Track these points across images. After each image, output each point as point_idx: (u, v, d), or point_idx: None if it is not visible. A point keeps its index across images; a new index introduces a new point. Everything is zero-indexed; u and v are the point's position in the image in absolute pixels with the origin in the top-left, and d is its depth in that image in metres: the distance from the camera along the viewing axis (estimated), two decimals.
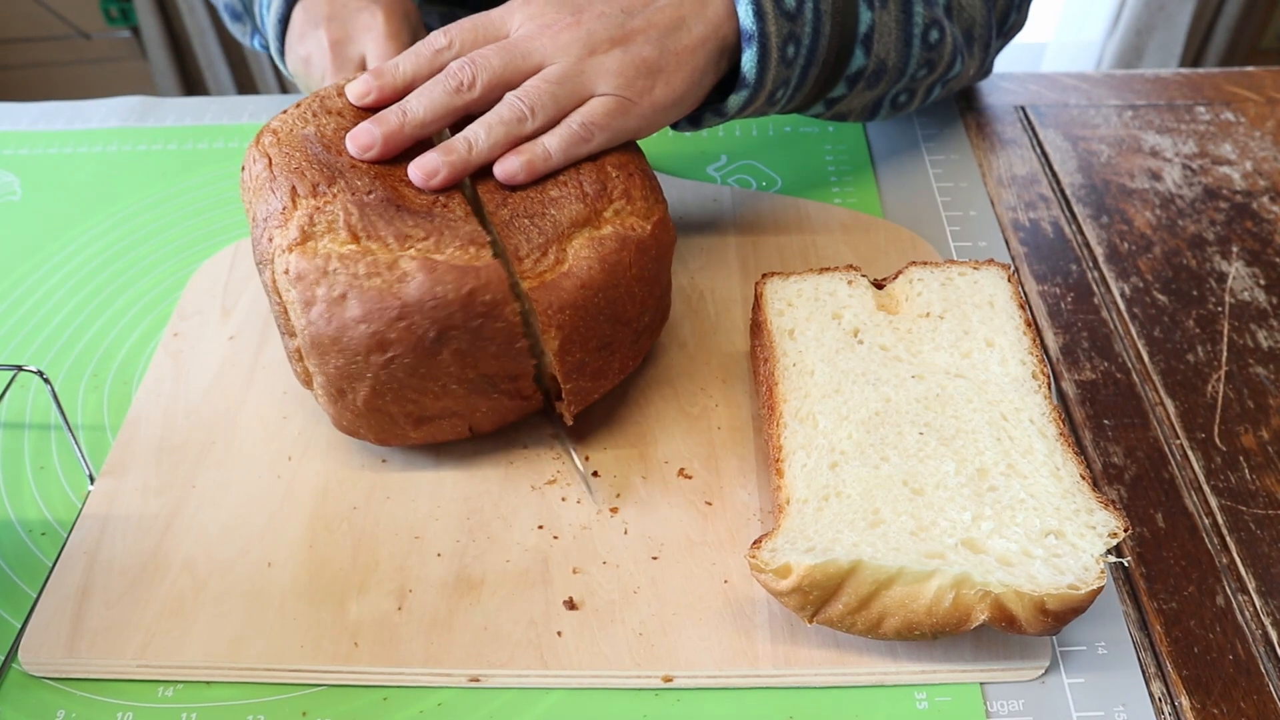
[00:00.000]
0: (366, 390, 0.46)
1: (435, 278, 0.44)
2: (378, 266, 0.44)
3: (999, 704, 0.43)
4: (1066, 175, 0.72)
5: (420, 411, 0.48)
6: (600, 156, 0.50)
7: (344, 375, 0.46)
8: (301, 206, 0.45)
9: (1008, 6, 0.68)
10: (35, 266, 0.65)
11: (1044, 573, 0.40)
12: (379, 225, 0.45)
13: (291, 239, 0.45)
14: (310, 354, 0.46)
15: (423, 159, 0.48)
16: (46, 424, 0.55)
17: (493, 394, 0.48)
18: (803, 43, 0.55)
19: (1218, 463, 0.53)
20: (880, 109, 0.65)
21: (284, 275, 0.45)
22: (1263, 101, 0.78)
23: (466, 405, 0.48)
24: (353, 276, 0.44)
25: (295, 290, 0.45)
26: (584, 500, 0.50)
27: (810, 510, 0.43)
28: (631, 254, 0.48)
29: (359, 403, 0.47)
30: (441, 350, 0.45)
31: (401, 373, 0.45)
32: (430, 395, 0.47)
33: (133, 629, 0.45)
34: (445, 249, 0.45)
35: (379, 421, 0.48)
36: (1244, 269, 0.64)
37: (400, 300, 0.43)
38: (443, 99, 0.49)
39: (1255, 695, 0.43)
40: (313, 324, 0.45)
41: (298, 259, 0.44)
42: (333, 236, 0.45)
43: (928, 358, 0.49)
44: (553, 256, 0.46)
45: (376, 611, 0.45)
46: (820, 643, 0.44)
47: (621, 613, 0.45)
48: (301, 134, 0.48)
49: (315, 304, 0.44)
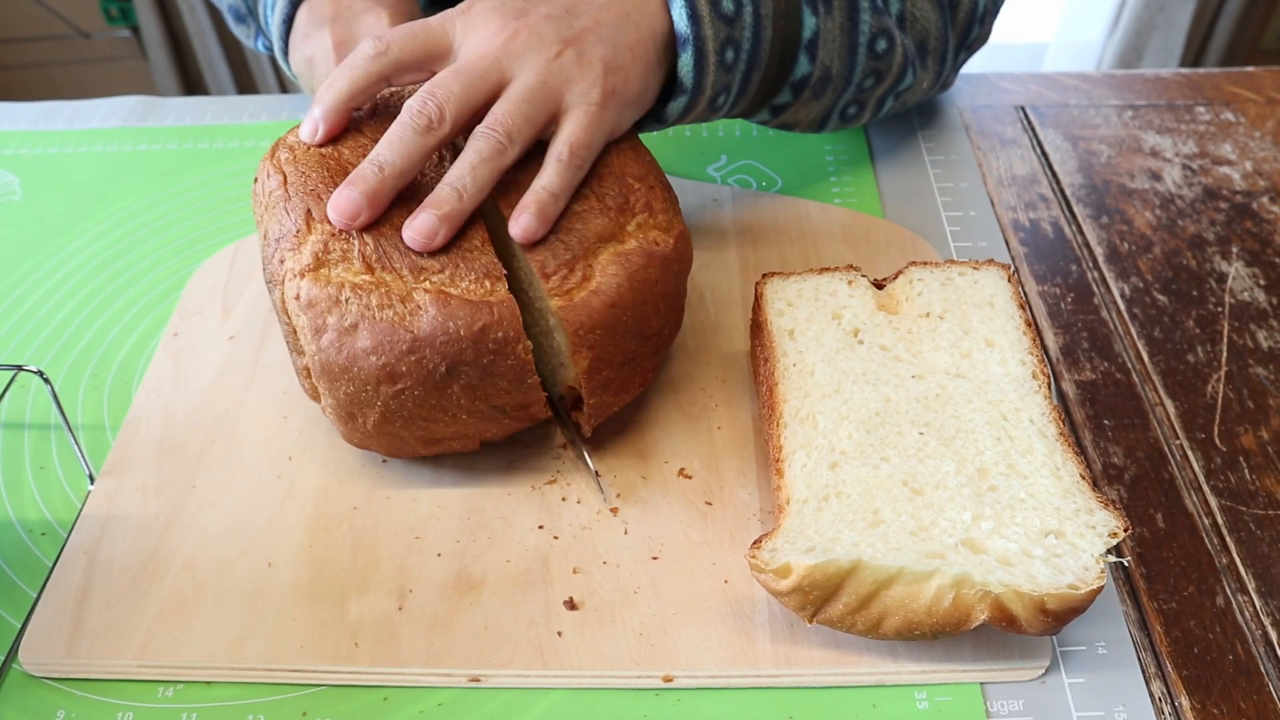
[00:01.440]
0: (376, 416, 0.46)
1: (448, 313, 0.43)
2: (390, 298, 0.44)
3: (999, 704, 0.43)
4: (1066, 175, 0.72)
5: (430, 435, 0.48)
6: (620, 168, 0.50)
7: (354, 401, 0.46)
8: (316, 232, 0.45)
9: (969, 19, 0.66)
10: (35, 266, 0.65)
11: (1044, 573, 0.40)
12: (394, 256, 0.45)
13: (304, 264, 0.45)
14: (320, 379, 0.46)
15: (417, 223, 0.45)
16: (46, 424, 0.55)
17: (503, 420, 0.48)
18: (742, 47, 0.54)
19: (1218, 463, 0.53)
20: (829, 121, 0.64)
21: (294, 300, 0.45)
22: (1263, 101, 0.78)
23: (477, 429, 0.48)
24: (365, 307, 0.43)
25: (306, 317, 0.44)
26: (584, 500, 0.50)
27: (810, 510, 0.43)
28: (657, 270, 0.48)
29: (369, 426, 0.47)
30: (452, 384, 0.45)
31: (411, 403, 0.45)
32: (440, 423, 0.47)
33: (133, 629, 0.45)
34: (460, 282, 0.44)
35: (389, 441, 0.48)
36: (1244, 269, 0.64)
37: (411, 334, 0.43)
38: (415, 142, 0.47)
39: (1255, 695, 0.43)
40: (323, 351, 0.44)
41: (309, 285, 0.44)
42: (346, 266, 0.44)
43: (928, 358, 0.49)
44: (580, 273, 0.46)
45: (376, 611, 0.45)
46: (820, 643, 0.44)
47: (622, 613, 0.45)
48: (319, 153, 0.48)
49: (326, 332, 0.44)
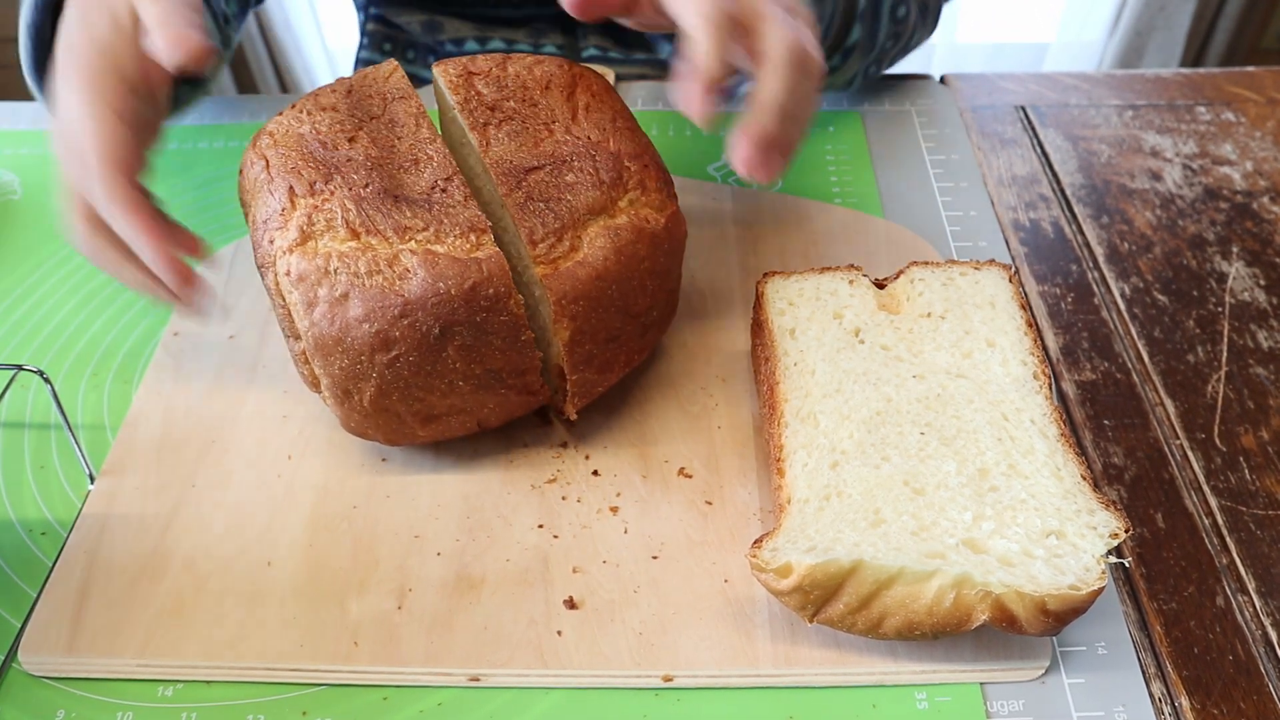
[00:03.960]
0: (372, 390, 0.46)
1: (437, 273, 0.43)
2: (378, 263, 0.44)
3: (999, 704, 0.43)
4: (1067, 175, 0.71)
5: (427, 410, 0.48)
6: (616, 146, 0.50)
7: (349, 376, 0.46)
8: (300, 206, 0.45)
9: None
10: (35, 266, 0.65)
11: (1045, 573, 0.40)
12: (377, 219, 0.45)
13: (291, 240, 0.45)
14: (315, 355, 0.46)
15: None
16: (46, 424, 0.55)
17: (500, 389, 0.48)
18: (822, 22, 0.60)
19: (1218, 463, 0.53)
20: (854, 82, 0.72)
21: (285, 277, 0.45)
22: (1263, 101, 0.78)
23: (474, 402, 0.48)
24: (354, 275, 0.44)
25: (297, 292, 0.44)
26: (584, 499, 0.50)
27: (811, 510, 0.43)
28: (646, 246, 0.48)
29: (365, 403, 0.47)
30: (446, 346, 0.45)
31: (407, 371, 0.45)
32: (437, 393, 0.47)
33: (133, 629, 0.45)
34: (446, 238, 0.44)
35: (387, 421, 0.48)
36: (1244, 269, 0.64)
37: (402, 298, 0.43)
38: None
39: (1255, 695, 0.43)
40: (316, 325, 0.44)
41: (298, 260, 0.44)
42: (332, 235, 0.45)
43: (929, 358, 0.49)
44: (568, 243, 0.46)
45: (376, 611, 0.45)
46: (820, 642, 0.44)
47: (621, 612, 0.45)
48: (297, 133, 0.48)
49: (318, 305, 0.44)
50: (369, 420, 0.48)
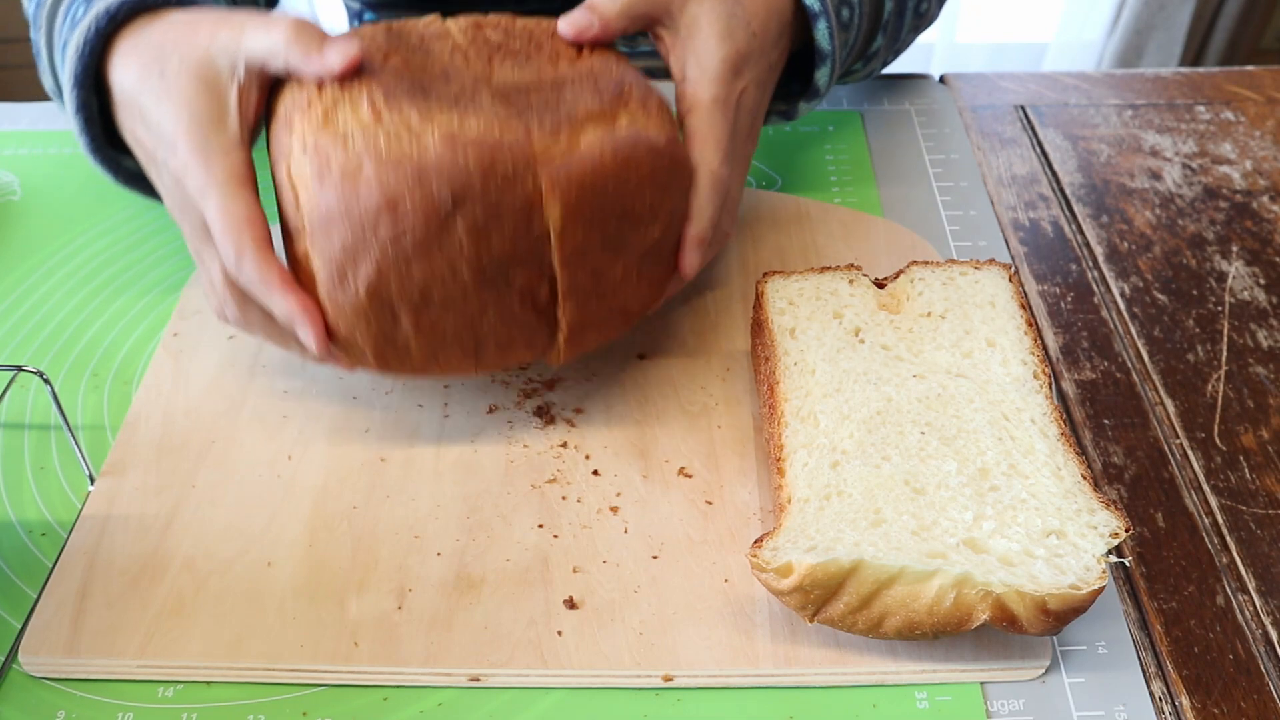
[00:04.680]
0: (371, 270, 0.44)
1: (456, 146, 0.43)
2: (399, 136, 0.43)
3: (999, 704, 0.43)
4: (1066, 175, 0.72)
5: (425, 300, 0.45)
6: (620, 75, 0.49)
7: (348, 254, 0.44)
8: (328, 92, 0.45)
9: None
10: (35, 266, 0.65)
11: (1045, 572, 0.40)
12: (403, 103, 0.44)
13: (314, 120, 0.44)
14: (316, 234, 0.44)
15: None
16: (46, 424, 0.55)
17: (504, 290, 0.46)
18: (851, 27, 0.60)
19: (1218, 462, 0.53)
20: (873, 74, 0.72)
21: (300, 152, 0.44)
22: (1263, 101, 0.78)
23: (475, 304, 0.46)
24: (371, 144, 0.43)
25: (309, 161, 0.43)
26: (584, 499, 0.50)
27: (812, 509, 0.43)
28: (644, 153, 0.46)
29: (361, 290, 0.44)
30: (455, 223, 0.43)
31: (411, 247, 0.43)
32: (438, 282, 0.45)
33: (133, 629, 0.45)
34: (469, 123, 0.44)
35: (379, 320, 0.46)
36: (1244, 269, 0.64)
37: (417, 164, 0.42)
38: None
39: (1255, 695, 0.43)
40: (323, 193, 0.43)
41: (316, 134, 0.44)
42: (354, 111, 0.44)
43: (929, 357, 0.49)
44: (565, 140, 0.45)
45: (376, 611, 0.45)
46: (821, 642, 0.44)
47: (622, 612, 0.45)
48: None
49: (329, 172, 0.43)
50: (360, 318, 0.45)
